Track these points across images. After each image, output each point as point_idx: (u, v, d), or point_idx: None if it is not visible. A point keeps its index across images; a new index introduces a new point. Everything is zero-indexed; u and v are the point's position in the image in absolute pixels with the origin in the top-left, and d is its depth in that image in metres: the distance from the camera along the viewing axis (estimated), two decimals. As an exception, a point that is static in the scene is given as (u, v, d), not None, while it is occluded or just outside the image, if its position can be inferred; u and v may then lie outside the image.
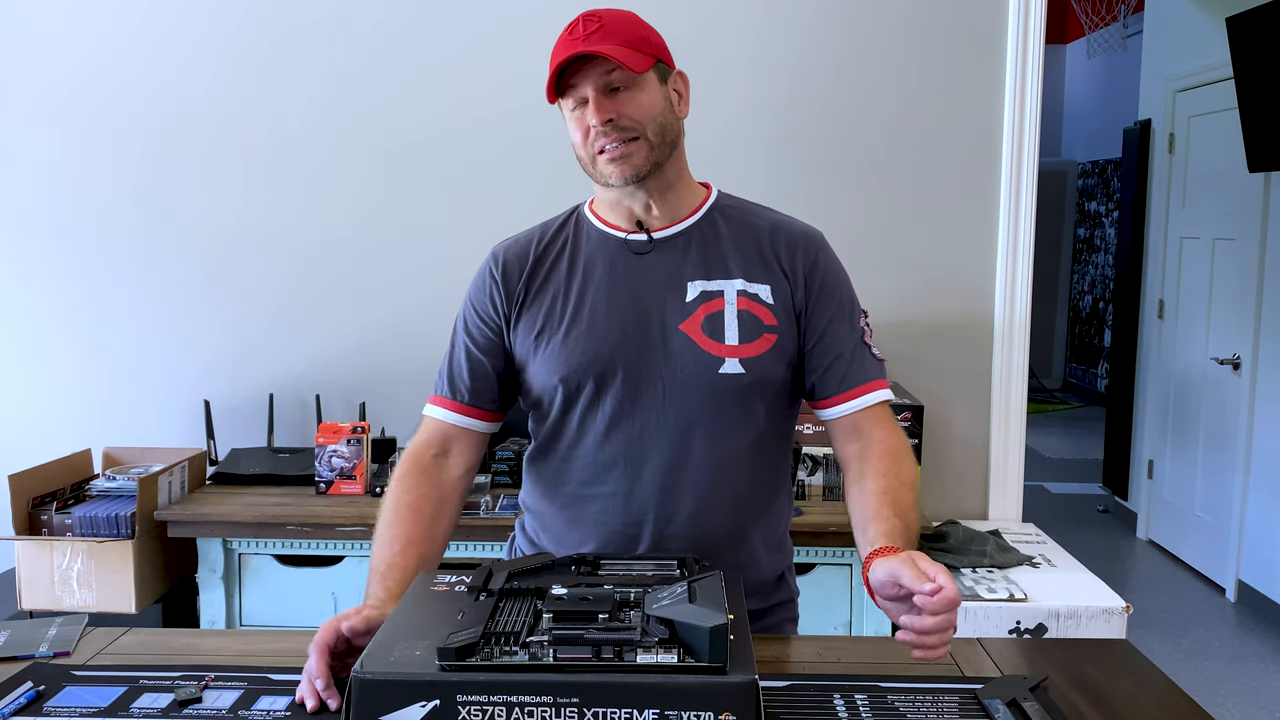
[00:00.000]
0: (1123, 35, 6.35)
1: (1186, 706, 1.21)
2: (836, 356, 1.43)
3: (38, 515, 2.61)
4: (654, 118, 1.37)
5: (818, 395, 1.45)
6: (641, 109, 1.36)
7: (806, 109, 2.94)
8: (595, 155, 1.37)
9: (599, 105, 1.34)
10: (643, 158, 1.36)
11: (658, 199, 1.42)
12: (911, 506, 1.33)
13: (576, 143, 1.39)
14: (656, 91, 1.39)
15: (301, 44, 2.96)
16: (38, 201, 3.03)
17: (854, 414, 1.42)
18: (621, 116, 1.35)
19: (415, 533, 1.37)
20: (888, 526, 1.27)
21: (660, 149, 1.38)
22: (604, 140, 1.35)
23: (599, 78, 1.34)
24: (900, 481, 1.35)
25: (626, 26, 1.38)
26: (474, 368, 1.46)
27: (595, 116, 1.34)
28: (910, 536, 1.27)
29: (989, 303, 2.96)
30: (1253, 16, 3.61)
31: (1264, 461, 3.94)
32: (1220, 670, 3.50)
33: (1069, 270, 8.47)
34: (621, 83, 1.35)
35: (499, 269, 1.46)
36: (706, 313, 1.40)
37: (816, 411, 1.47)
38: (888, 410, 1.45)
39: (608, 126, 1.34)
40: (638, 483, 1.40)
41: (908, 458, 1.40)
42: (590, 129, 1.36)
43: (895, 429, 1.43)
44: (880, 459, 1.38)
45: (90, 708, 1.16)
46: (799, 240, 1.45)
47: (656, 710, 0.97)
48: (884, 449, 1.39)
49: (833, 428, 1.46)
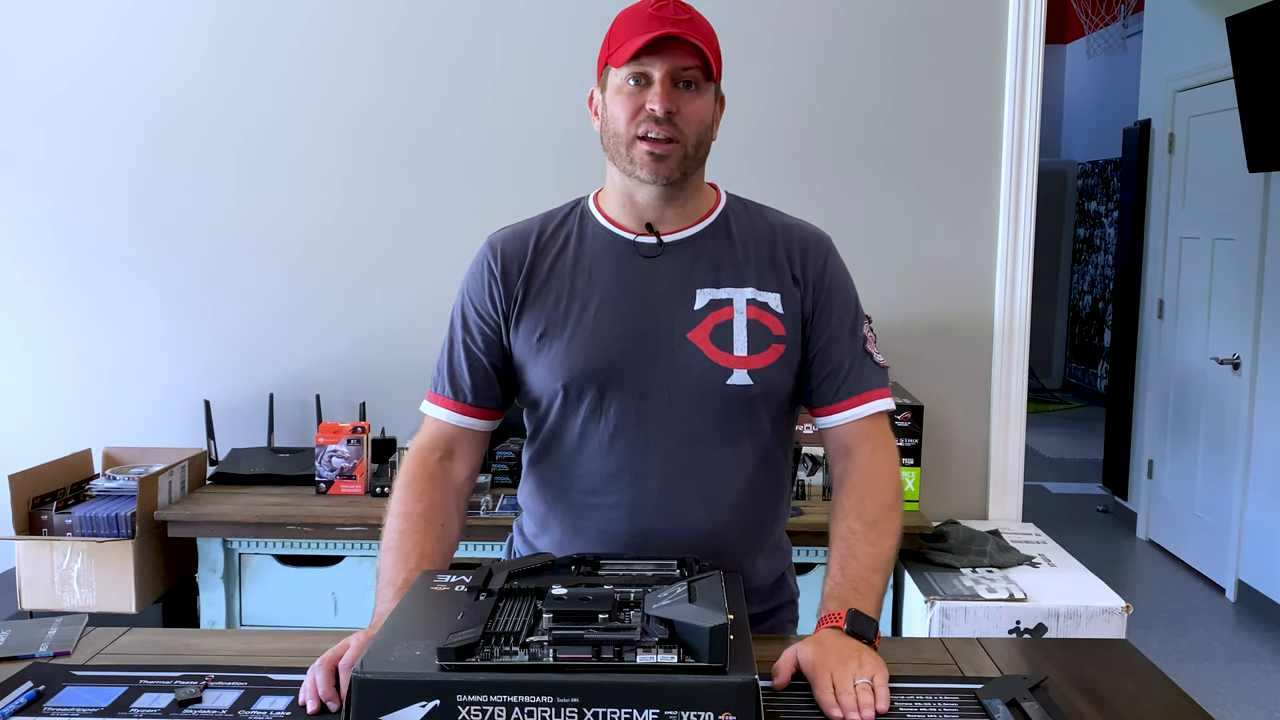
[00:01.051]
0: (1123, 35, 6.35)
1: (1186, 706, 1.21)
2: (836, 366, 1.42)
3: (38, 515, 2.60)
4: (701, 129, 1.36)
5: (814, 403, 1.45)
6: (697, 115, 1.34)
7: (806, 108, 2.94)
8: (635, 139, 1.33)
9: (669, 94, 1.32)
10: (676, 163, 1.34)
11: (672, 204, 1.40)
12: (869, 542, 1.35)
13: (618, 118, 1.34)
14: (711, 104, 1.38)
15: (301, 43, 2.96)
16: (38, 201, 3.03)
17: (846, 425, 1.42)
18: (680, 114, 1.33)
19: (428, 545, 1.36)
20: (831, 585, 1.32)
21: (692, 161, 1.37)
22: (654, 128, 1.32)
23: (675, 67, 1.32)
24: (863, 521, 1.37)
25: (710, 31, 1.38)
26: (474, 367, 1.44)
27: (660, 103, 1.31)
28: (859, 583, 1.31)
29: (989, 303, 2.96)
30: (1253, 16, 3.61)
31: (1264, 461, 3.94)
32: (1220, 670, 3.50)
33: (1069, 270, 8.47)
34: (694, 80, 1.34)
35: (497, 263, 1.42)
36: (715, 322, 1.38)
37: (814, 416, 1.46)
38: (882, 422, 1.44)
39: (666, 118, 1.32)
40: (643, 493, 1.38)
41: (882, 484, 1.40)
42: (642, 109, 1.32)
43: (882, 448, 1.43)
44: (850, 493, 1.40)
45: (90, 708, 1.16)
46: (810, 244, 1.44)
47: (656, 710, 0.97)
48: (859, 479, 1.40)
49: (825, 436, 1.46)
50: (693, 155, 1.36)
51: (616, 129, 1.35)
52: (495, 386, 1.45)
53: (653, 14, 1.33)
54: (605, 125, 1.38)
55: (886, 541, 1.36)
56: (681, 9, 1.34)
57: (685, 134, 1.33)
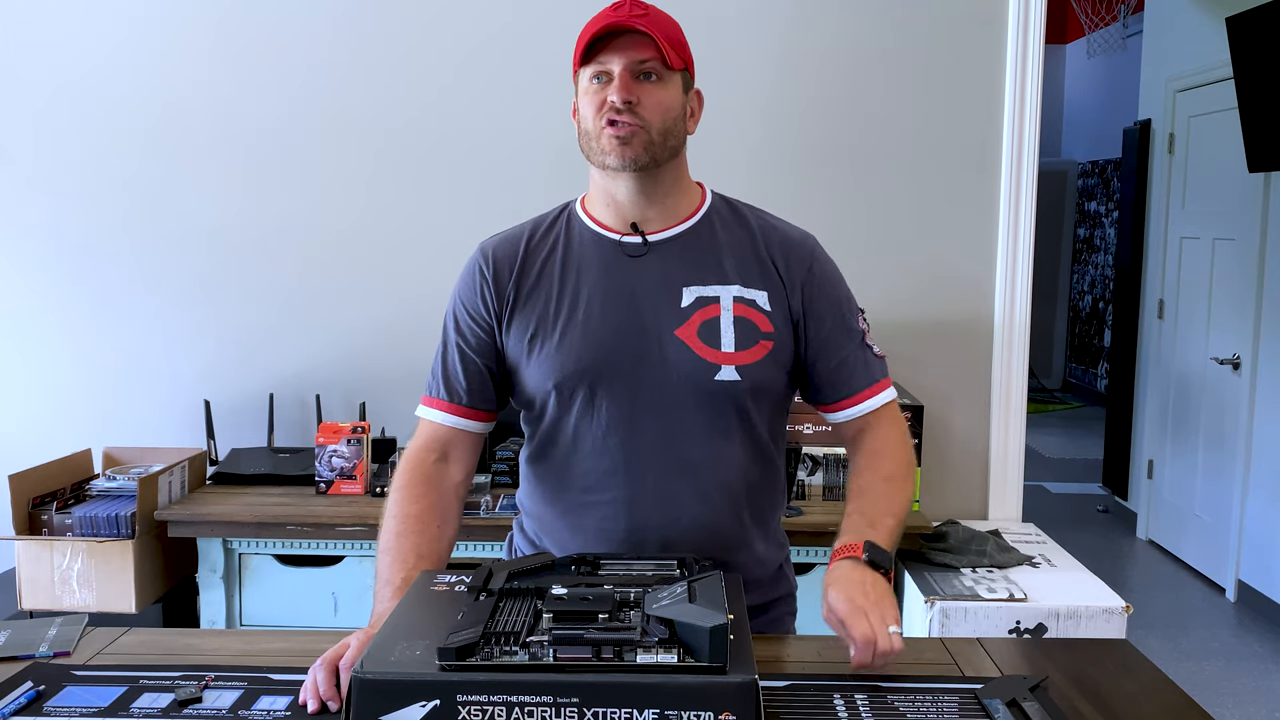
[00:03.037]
0: (1123, 35, 6.35)
1: (1186, 706, 1.21)
2: (839, 363, 1.44)
3: (38, 515, 2.61)
4: (667, 118, 1.37)
5: (823, 400, 1.48)
6: (660, 105, 1.35)
7: (806, 108, 2.94)
8: (601, 129, 1.35)
9: (626, 85, 1.33)
10: (641, 146, 1.35)
11: (653, 201, 1.41)
12: (885, 494, 1.41)
13: (586, 116, 1.37)
14: (678, 95, 1.39)
15: (301, 44, 2.96)
16: (39, 201, 3.03)
17: (861, 418, 1.47)
18: (641, 104, 1.34)
19: (425, 546, 1.36)
20: (848, 524, 1.37)
21: (660, 149, 1.37)
22: (616, 119, 1.33)
23: (632, 60, 1.34)
24: (878, 475, 1.43)
25: (670, 25, 1.39)
26: (468, 369, 1.45)
27: (619, 94, 1.33)
28: (876, 522, 1.36)
29: (989, 303, 2.96)
30: (1253, 16, 3.61)
31: (1264, 461, 3.94)
32: (1220, 670, 3.50)
33: (1069, 270, 8.47)
34: (654, 71, 1.35)
35: (489, 267, 1.44)
36: (702, 319, 1.39)
37: (823, 414, 1.50)
38: (892, 408, 1.50)
39: (626, 107, 1.33)
40: (639, 489, 1.40)
41: (897, 449, 1.46)
42: (605, 103, 1.34)
43: (895, 424, 1.49)
44: (866, 457, 1.46)
45: (90, 708, 1.16)
46: (793, 245, 1.45)
47: (656, 710, 0.97)
48: (875, 444, 1.46)
49: (840, 429, 1.51)
50: (660, 142, 1.36)
51: (586, 127, 1.38)
52: (489, 388, 1.46)
53: (608, 13, 1.36)
54: (579, 127, 1.40)
55: (901, 496, 1.42)
56: (638, 6, 1.37)
57: (648, 120, 1.35)
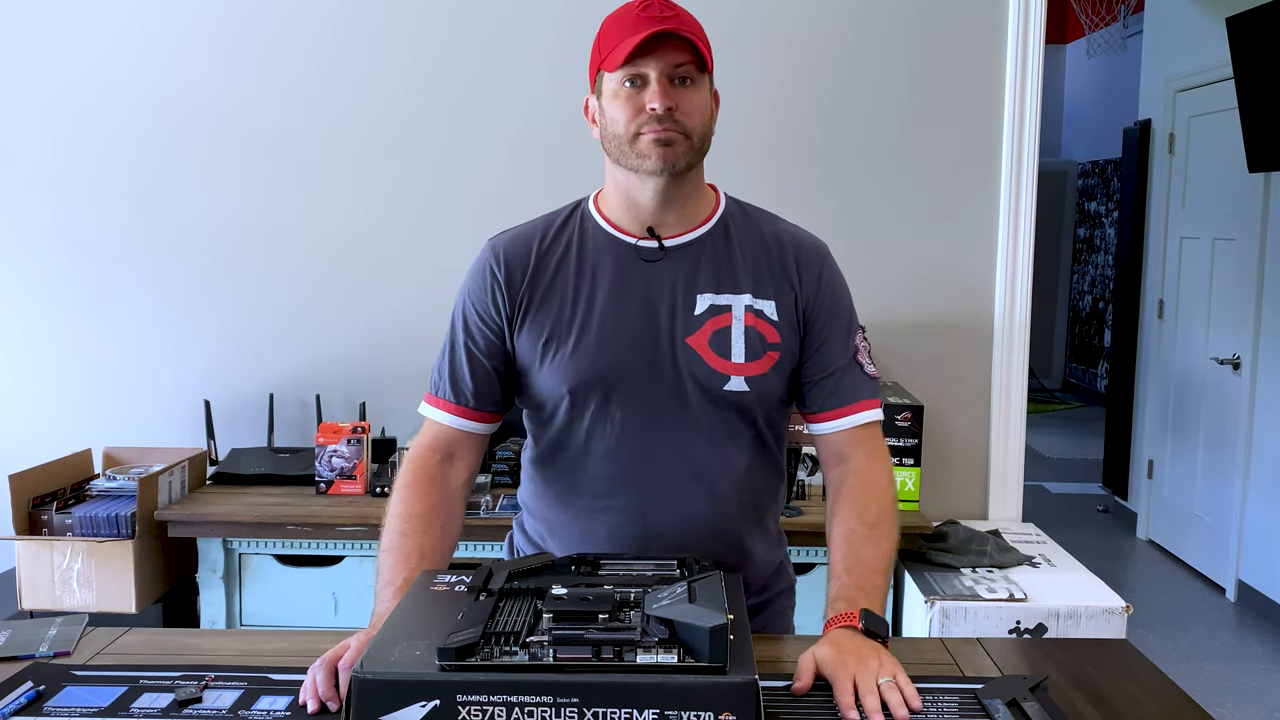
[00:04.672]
0: (1123, 35, 6.35)
1: (1186, 706, 1.21)
2: (829, 373, 1.43)
3: (38, 515, 2.61)
4: (703, 122, 1.36)
5: (807, 408, 1.47)
6: (696, 109, 1.35)
7: (806, 108, 2.94)
8: (635, 135, 1.33)
9: (665, 91, 1.31)
10: (683, 150, 1.34)
11: (674, 205, 1.40)
12: (871, 543, 1.36)
13: (618, 120, 1.34)
14: (708, 97, 1.38)
15: (301, 45, 2.96)
16: (40, 201, 3.03)
17: (840, 433, 1.44)
18: (680, 110, 1.33)
19: (428, 546, 1.36)
20: (838, 586, 1.32)
21: (697, 154, 1.37)
22: (656, 127, 1.32)
23: (669, 64, 1.32)
24: (864, 524, 1.38)
25: (698, 26, 1.37)
26: (475, 370, 1.43)
27: (659, 100, 1.31)
28: (866, 584, 1.31)
29: (989, 303, 2.96)
30: (1253, 16, 3.61)
31: (1264, 461, 3.94)
32: (1220, 670, 3.50)
33: (1069, 270, 8.46)
34: (689, 76, 1.34)
35: (501, 268, 1.41)
36: (715, 328, 1.38)
37: (806, 422, 1.48)
38: (875, 431, 1.46)
39: (667, 114, 1.32)
40: (652, 494, 1.40)
41: (880, 488, 1.42)
42: (643, 109, 1.32)
43: (877, 453, 1.45)
44: (849, 496, 1.41)
45: (90, 708, 1.16)
46: (806, 252, 1.45)
47: (656, 710, 0.97)
48: (856, 482, 1.42)
49: (819, 442, 1.48)
50: (698, 147, 1.36)
51: (617, 131, 1.35)
52: (496, 390, 1.45)
53: (640, 15, 1.33)
54: (605, 130, 1.37)
55: (887, 544, 1.38)
56: (668, 6, 1.34)
57: (689, 127, 1.34)
